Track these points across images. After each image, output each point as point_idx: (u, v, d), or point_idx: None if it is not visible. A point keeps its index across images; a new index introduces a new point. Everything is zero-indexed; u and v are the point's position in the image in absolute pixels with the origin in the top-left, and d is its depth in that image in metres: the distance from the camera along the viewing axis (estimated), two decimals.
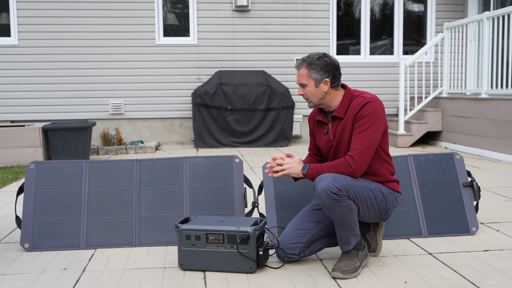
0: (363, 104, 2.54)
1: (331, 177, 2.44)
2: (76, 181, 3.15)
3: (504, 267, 2.65)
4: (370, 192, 2.55)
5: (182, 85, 8.28)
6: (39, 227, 3.05)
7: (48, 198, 3.10)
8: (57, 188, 3.13)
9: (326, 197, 2.42)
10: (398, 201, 2.69)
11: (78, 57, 8.07)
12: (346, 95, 2.63)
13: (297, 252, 2.68)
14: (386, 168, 2.65)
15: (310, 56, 2.61)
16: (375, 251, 2.84)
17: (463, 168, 3.30)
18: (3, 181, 5.32)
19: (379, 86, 8.66)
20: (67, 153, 6.46)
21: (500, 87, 6.84)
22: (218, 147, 7.87)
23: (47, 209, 3.09)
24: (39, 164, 3.16)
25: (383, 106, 2.59)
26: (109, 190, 3.15)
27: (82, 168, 3.18)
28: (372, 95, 2.61)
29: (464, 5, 8.72)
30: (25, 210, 3.07)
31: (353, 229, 2.54)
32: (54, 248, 3.02)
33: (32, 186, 3.11)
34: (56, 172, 3.15)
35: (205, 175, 3.23)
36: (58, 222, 3.07)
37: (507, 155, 6.23)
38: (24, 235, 3.03)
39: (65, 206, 3.10)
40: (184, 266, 2.65)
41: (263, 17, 8.34)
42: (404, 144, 7.65)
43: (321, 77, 2.59)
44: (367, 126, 2.52)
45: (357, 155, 2.50)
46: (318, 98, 2.63)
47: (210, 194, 3.20)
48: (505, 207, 3.91)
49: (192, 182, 3.21)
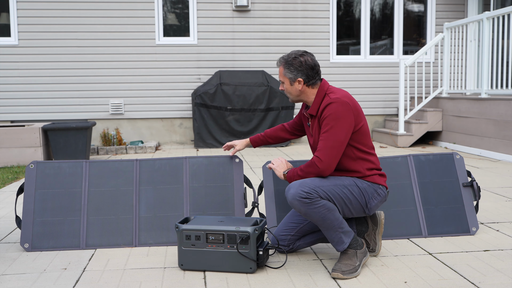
0: (325, 105, 2.61)
1: (298, 184, 2.51)
2: (76, 181, 3.15)
3: (504, 267, 2.65)
4: (343, 188, 2.58)
5: (182, 85, 8.28)
6: (39, 227, 3.04)
7: (48, 198, 3.10)
8: (57, 188, 3.12)
9: (298, 203, 2.48)
10: (379, 193, 2.68)
11: (78, 57, 8.07)
12: (319, 92, 2.70)
13: (286, 243, 2.82)
14: (361, 165, 2.66)
15: (289, 54, 2.71)
16: (374, 251, 2.84)
17: (463, 168, 3.29)
18: (3, 181, 5.32)
19: (379, 86, 8.66)
20: (67, 153, 6.46)
21: (500, 87, 6.84)
22: (218, 147, 7.87)
23: (47, 209, 3.08)
24: (39, 164, 3.15)
25: (348, 106, 2.59)
26: (109, 190, 3.15)
27: (82, 168, 3.18)
28: (341, 93, 2.64)
29: (464, 5, 8.72)
30: (25, 210, 3.07)
31: (341, 227, 2.55)
32: (54, 248, 3.02)
33: (32, 186, 3.10)
34: (56, 172, 3.15)
35: (205, 175, 3.23)
36: (58, 222, 3.07)
37: (507, 155, 6.23)
38: (24, 235, 3.03)
39: (65, 206, 3.10)
40: (184, 266, 2.65)
41: (263, 17, 8.34)
42: (404, 144, 7.65)
43: (294, 77, 2.68)
44: (330, 127, 2.57)
45: (323, 155, 2.56)
46: (295, 95, 2.75)
47: (210, 194, 3.19)
48: (505, 207, 3.91)
49: (192, 182, 3.21)
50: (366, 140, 2.69)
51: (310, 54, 2.70)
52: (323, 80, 2.73)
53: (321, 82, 2.72)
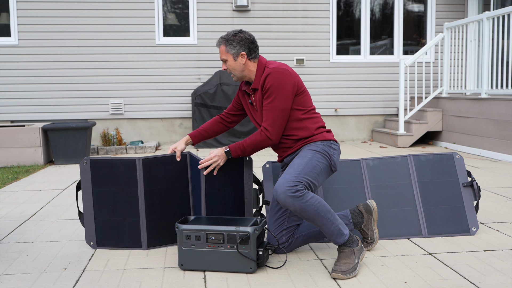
0: (265, 76, 2.75)
1: (280, 184, 2.53)
2: (131, 179, 3.00)
3: (504, 267, 2.65)
4: (311, 162, 2.66)
5: (182, 85, 8.28)
6: (100, 225, 3.01)
7: (105, 196, 3.01)
8: (113, 186, 3.01)
9: (291, 200, 2.50)
10: (334, 147, 2.84)
11: (78, 57, 8.07)
12: (259, 66, 2.85)
13: (285, 240, 2.82)
14: (308, 125, 2.80)
15: (227, 34, 2.86)
16: (373, 240, 2.87)
17: (463, 168, 3.29)
18: (3, 181, 5.32)
19: (379, 86, 8.66)
20: (67, 153, 6.46)
21: (500, 87, 6.84)
22: (219, 147, 7.87)
23: (105, 207, 3.01)
24: (92, 161, 3.00)
25: (287, 72, 2.76)
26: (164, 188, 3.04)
27: (136, 166, 3.01)
28: (277, 64, 2.80)
29: (464, 5, 8.72)
30: (85, 208, 3.02)
31: (336, 219, 2.59)
32: (117, 247, 3.01)
33: (88, 183, 3.00)
34: (109, 170, 3.00)
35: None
36: (117, 221, 3.00)
37: (507, 155, 6.23)
38: (88, 233, 3.02)
39: (122, 205, 3.00)
40: (184, 266, 2.65)
41: (263, 17, 8.34)
42: (404, 144, 7.65)
43: (237, 51, 2.82)
44: (273, 97, 2.72)
45: (270, 126, 2.74)
46: (239, 71, 2.86)
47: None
48: (505, 207, 3.91)
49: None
50: (309, 102, 2.86)
51: (247, 31, 2.87)
52: (261, 56, 2.90)
53: (259, 57, 2.88)
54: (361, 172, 3.27)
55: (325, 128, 2.89)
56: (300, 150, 2.81)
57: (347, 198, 3.21)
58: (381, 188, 3.23)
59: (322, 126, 2.88)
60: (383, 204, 3.19)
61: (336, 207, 3.18)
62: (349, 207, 3.18)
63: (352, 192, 3.22)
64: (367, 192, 3.22)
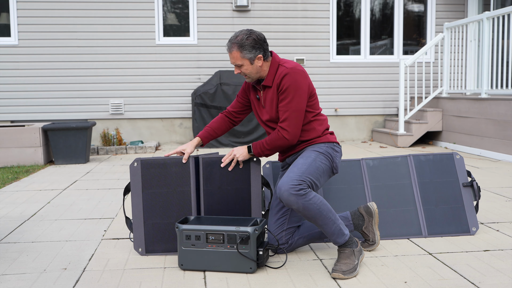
0: (282, 76, 2.71)
1: (284, 182, 2.53)
2: (184, 179, 2.90)
3: (504, 267, 2.65)
4: (314, 163, 2.66)
5: (182, 85, 8.28)
6: (150, 230, 2.89)
7: (156, 198, 2.90)
8: (164, 188, 2.90)
9: (295, 198, 2.50)
10: (336, 150, 2.86)
11: (78, 57, 8.07)
12: (272, 64, 2.79)
13: (284, 241, 2.82)
14: (315, 127, 2.81)
15: (238, 37, 2.72)
16: (374, 242, 2.88)
17: (463, 168, 3.29)
18: (3, 181, 5.32)
19: (379, 86, 8.66)
20: (67, 153, 6.46)
21: (500, 87, 6.84)
22: (218, 147, 7.87)
23: (157, 210, 2.89)
24: (143, 161, 2.90)
25: (303, 73, 2.74)
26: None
27: (189, 165, 2.90)
28: (293, 64, 2.75)
29: (464, 5, 8.72)
30: (134, 212, 2.89)
31: (337, 219, 2.61)
32: (168, 252, 2.90)
33: (138, 186, 2.89)
34: (161, 170, 2.89)
35: (220, 176, 2.95)
36: (168, 224, 2.90)
37: (507, 155, 6.23)
38: (136, 239, 2.90)
39: (174, 206, 2.90)
40: (184, 266, 2.65)
41: (263, 17, 8.34)
42: (404, 144, 7.65)
43: (254, 55, 2.73)
44: (291, 97, 2.70)
45: (288, 126, 2.71)
46: (255, 73, 2.79)
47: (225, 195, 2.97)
48: (505, 207, 3.91)
49: (206, 185, 2.99)
50: (318, 105, 2.86)
51: (255, 31, 2.77)
52: (272, 52, 2.85)
53: (272, 54, 2.84)
54: (361, 172, 3.27)
55: (328, 130, 2.91)
56: (303, 150, 2.82)
57: (347, 198, 3.21)
58: (381, 188, 3.23)
59: (327, 128, 2.89)
60: (383, 204, 3.19)
61: (336, 207, 3.18)
62: (349, 207, 3.18)
63: (352, 192, 3.23)
64: (367, 192, 3.22)
